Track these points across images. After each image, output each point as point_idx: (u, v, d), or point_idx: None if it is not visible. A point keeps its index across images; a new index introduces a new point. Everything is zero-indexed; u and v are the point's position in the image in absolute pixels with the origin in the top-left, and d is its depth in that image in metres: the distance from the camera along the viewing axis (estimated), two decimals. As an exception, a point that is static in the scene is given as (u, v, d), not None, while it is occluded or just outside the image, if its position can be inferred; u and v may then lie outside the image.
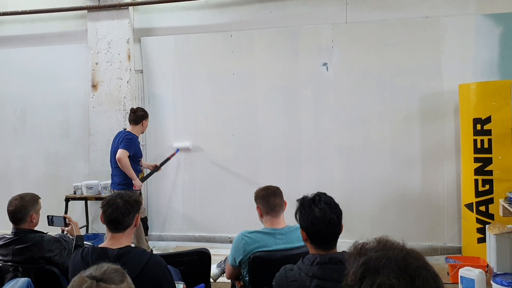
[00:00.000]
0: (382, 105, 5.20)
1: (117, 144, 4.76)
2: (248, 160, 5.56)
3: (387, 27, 5.17)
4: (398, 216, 5.14)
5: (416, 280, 0.99)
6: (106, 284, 1.29)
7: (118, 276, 1.34)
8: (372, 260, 1.05)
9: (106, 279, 1.31)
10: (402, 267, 1.01)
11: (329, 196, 2.09)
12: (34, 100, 6.11)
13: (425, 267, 1.04)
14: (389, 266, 1.02)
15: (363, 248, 1.12)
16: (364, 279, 1.03)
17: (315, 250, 2.01)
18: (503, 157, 4.42)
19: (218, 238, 5.65)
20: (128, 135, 4.77)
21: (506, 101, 4.40)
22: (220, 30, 5.61)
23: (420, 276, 1.00)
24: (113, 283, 1.31)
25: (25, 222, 2.93)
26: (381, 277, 1.00)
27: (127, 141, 4.69)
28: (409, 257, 1.05)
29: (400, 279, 0.99)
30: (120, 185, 4.76)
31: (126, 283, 1.35)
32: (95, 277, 1.30)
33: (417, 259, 1.05)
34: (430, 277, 1.02)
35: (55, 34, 6.06)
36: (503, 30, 4.92)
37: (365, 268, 1.04)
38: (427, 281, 1.00)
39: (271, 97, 5.49)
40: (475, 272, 3.79)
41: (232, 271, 2.95)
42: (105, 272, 1.33)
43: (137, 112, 4.85)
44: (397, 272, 1.00)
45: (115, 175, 4.84)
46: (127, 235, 2.27)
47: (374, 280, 1.00)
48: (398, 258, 1.04)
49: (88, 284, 1.27)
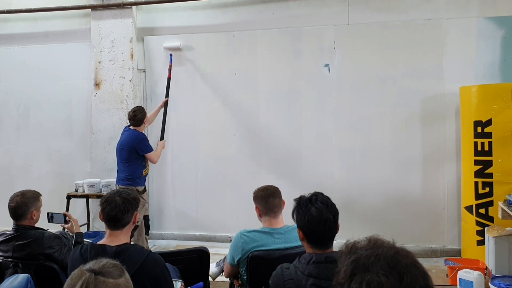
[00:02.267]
0: (383, 107, 5.21)
1: (127, 142, 4.82)
2: (249, 160, 5.58)
3: (389, 29, 5.18)
4: (398, 217, 5.15)
5: (405, 277, 1.00)
6: (104, 278, 1.32)
7: (117, 271, 1.36)
8: (362, 258, 1.07)
9: (105, 273, 1.33)
10: (391, 265, 1.03)
11: (326, 195, 2.11)
12: (37, 98, 6.14)
13: (414, 264, 1.05)
14: (378, 264, 1.03)
15: (354, 247, 1.14)
16: (354, 276, 1.04)
17: (311, 249, 2.02)
18: (503, 160, 4.42)
19: (219, 238, 5.66)
20: (139, 135, 4.88)
21: (507, 104, 4.40)
22: (223, 30, 5.63)
23: (409, 274, 1.01)
24: (111, 277, 1.33)
25: (26, 218, 2.96)
26: (370, 275, 1.01)
27: (143, 141, 4.89)
28: (398, 255, 1.06)
29: (389, 276, 1.00)
30: (125, 180, 4.82)
31: (124, 278, 1.37)
32: (93, 270, 1.32)
33: (406, 257, 1.06)
34: (419, 275, 1.03)
35: (59, 33, 6.09)
36: (505, 33, 4.92)
37: (355, 265, 1.06)
38: (416, 279, 1.01)
39: (273, 98, 5.51)
40: (474, 274, 3.80)
41: (230, 270, 2.97)
42: (104, 266, 1.36)
43: (136, 116, 4.87)
44: (386, 269, 1.01)
45: (121, 171, 4.89)
46: (126, 232, 2.29)
47: (364, 277, 1.02)
48: (387, 256, 1.05)
49: (87, 277, 1.30)
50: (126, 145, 4.82)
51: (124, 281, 1.36)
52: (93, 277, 1.30)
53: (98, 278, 1.31)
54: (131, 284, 1.39)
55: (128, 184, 4.76)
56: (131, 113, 4.90)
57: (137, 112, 4.89)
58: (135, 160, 4.82)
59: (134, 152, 4.80)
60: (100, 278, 1.31)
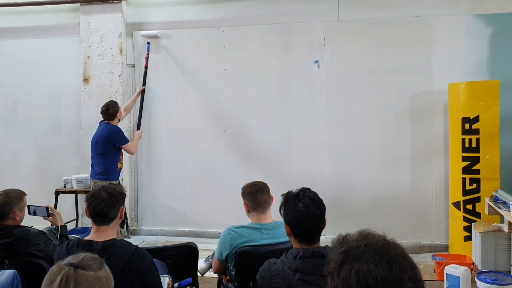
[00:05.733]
0: (372, 103, 5.23)
1: (102, 135, 4.88)
2: (239, 156, 5.58)
3: (379, 26, 5.20)
4: (386, 213, 5.18)
5: (393, 266, 1.02)
6: (84, 271, 1.30)
7: (96, 264, 1.35)
8: (352, 248, 1.09)
9: (84, 266, 1.32)
10: (380, 254, 1.05)
11: (313, 191, 2.11)
12: (25, 92, 6.09)
13: (403, 256, 1.07)
14: (368, 253, 1.05)
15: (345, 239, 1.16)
16: (343, 265, 1.06)
17: (298, 244, 2.03)
18: (490, 156, 4.46)
19: (208, 233, 5.66)
20: (114, 127, 4.94)
21: (495, 101, 4.45)
22: (213, 25, 5.62)
23: (398, 263, 1.03)
24: (91, 269, 1.32)
25: (9, 218, 2.90)
26: (360, 263, 1.03)
27: (118, 133, 4.93)
28: (388, 245, 1.08)
29: (377, 264, 1.02)
30: (100, 174, 4.88)
31: (104, 270, 1.35)
32: (72, 264, 1.31)
33: (395, 248, 1.08)
34: (408, 265, 1.05)
35: (48, 27, 6.03)
36: (492, 31, 4.96)
37: (345, 255, 1.08)
38: (404, 269, 1.03)
39: (263, 94, 5.51)
40: (461, 269, 3.83)
41: (218, 265, 2.97)
42: (83, 259, 1.34)
43: (108, 111, 4.92)
44: (375, 258, 1.03)
45: (95, 164, 4.95)
46: (112, 227, 2.28)
47: (353, 266, 1.04)
48: (377, 246, 1.07)
49: (66, 271, 1.28)
50: (102, 138, 4.88)
51: (104, 273, 1.35)
52: (72, 270, 1.28)
53: (78, 271, 1.29)
54: (111, 276, 1.38)
55: (102, 178, 4.84)
56: (104, 107, 4.95)
57: (110, 106, 4.95)
58: (111, 153, 4.89)
59: (110, 144, 4.87)
60: (80, 271, 1.29)
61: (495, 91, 4.46)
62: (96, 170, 4.92)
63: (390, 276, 1.01)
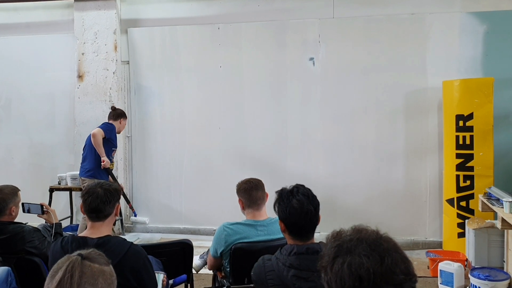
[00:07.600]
0: (367, 100, 5.25)
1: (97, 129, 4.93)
2: (234, 153, 5.58)
3: (374, 23, 5.21)
4: (381, 210, 5.20)
5: (385, 259, 1.03)
6: (90, 262, 1.34)
7: (103, 260, 1.39)
8: (345, 242, 1.10)
9: (91, 258, 1.36)
10: (373, 247, 1.06)
11: (307, 188, 2.12)
12: (19, 89, 6.05)
13: (395, 249, 1.08)
14: (361, 246, 1.06)
15: (339, 234, 1.17)
16: (336, 258, 1.07)
17: (292, 240, 2.03)
18: (484, 153, 4.48)
19: (203, 230, 5.66)
20: (109, 124, 5.02)
21: (488, 99, 4.47)
22: (208, 22, 5.60)
23: (390, 256, 1.04)
24: (97, 263, 1.36)
25: (5, 214, 2.90)
26: (352, 256, 1.05)
27: (107, 125, 4.98)
28: (381, 239, 1.10)
29: (370, 257, 1.03)
30: (90, 171, 4.89)
31: (109, 267, 1.40)
32: (81, 254, 1.35)
33: (387, 242, 1.09)
34: (400, 259, 1.06)
35: (41, 24, 6.00)
36: (486, 28, 4.98)
37: (338, 249, 1.09)
38: (396, 262, 1.04)
39: (258, 91, 5.51)
40: (454, 266, 3.87)
41: (213, 262, 2.98)
42: (91, 253, 1.38)
43: (117, 110, 5.13)
44: (367, 251, 1.05)
45: (84, 160, 4.98)
46: (107, 224, 2.28)
47: (345, 259, 1.05)
48: (369, 239, 1.09)
49: (73, 259, 1.32)
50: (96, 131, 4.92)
51: (109, 269, 1.39)
52: (79, 259, 1.33)
53: (85, 262, 1.33)
54: (115, 275, 1.41)
55: (91, 175, 4.86)
56: (114, 106, 5.18)
57: (120, 109, 5.15)
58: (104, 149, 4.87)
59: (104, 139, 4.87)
60: (87, 262, 1.33)
61: (489, 88, 4.48)
62: (86, 166, 4.94)
63: (382, 269, 1.02)
